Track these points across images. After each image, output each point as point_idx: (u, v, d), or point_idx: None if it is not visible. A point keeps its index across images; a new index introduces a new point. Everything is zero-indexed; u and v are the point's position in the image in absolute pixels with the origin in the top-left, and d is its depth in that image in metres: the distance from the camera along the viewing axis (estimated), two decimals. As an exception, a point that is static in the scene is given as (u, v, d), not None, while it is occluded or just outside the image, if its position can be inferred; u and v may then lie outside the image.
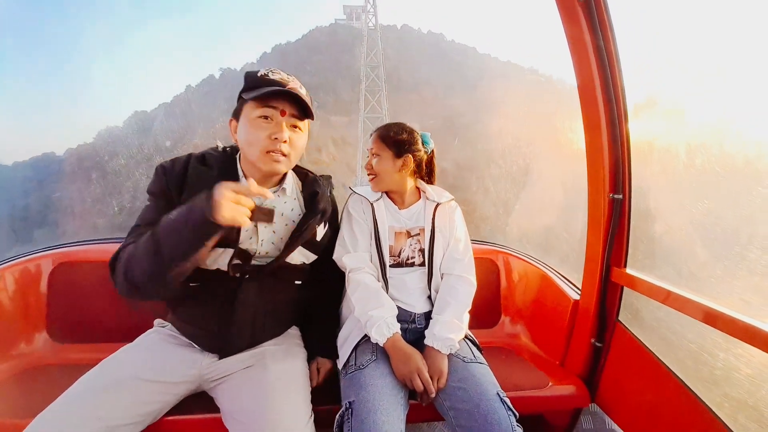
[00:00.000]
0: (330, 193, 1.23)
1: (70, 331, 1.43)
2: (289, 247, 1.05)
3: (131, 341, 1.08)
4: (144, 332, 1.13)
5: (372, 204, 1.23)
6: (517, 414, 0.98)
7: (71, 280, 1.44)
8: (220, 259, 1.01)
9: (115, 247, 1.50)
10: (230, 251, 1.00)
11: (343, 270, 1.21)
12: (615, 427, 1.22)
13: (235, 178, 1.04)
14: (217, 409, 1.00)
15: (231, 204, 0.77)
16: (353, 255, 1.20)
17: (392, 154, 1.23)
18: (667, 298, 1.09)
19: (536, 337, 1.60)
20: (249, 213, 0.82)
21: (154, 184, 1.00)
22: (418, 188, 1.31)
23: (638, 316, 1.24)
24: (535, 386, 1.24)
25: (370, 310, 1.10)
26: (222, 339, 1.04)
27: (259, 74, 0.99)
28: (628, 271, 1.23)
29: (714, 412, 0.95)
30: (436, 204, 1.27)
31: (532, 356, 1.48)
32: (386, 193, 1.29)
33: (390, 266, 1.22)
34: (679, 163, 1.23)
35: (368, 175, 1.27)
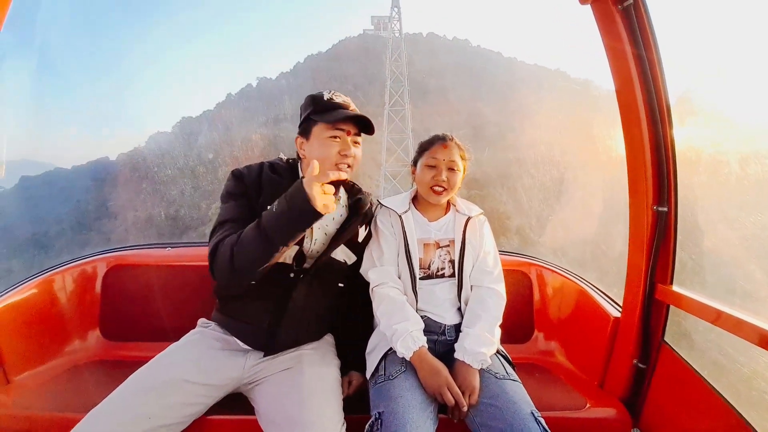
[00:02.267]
0: (370, 204, 1.31)
1: (121, 330, 1.54)
2: (334, 241, 1.18)
3: (177, 340, 1.15)
4: (189, 331, 1.20)
5: (401, 216, 1.24)
6: None
7: (123, 282, 1.56)
8: (285, 255, 1.13)
9: (164, 251, 1.63)
10: (296, 248, 1.14)
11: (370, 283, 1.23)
12: (660, 455, 1.14)
13: None
14: (251, 410, 1.04)
15: (322, 194, 0.92)
16: (379, 269, 1.21)
17: (464, 168, 1.25)
18: (717, 318, 1.02)
19: (572, 355, 1.52)
20: (334, 198, 0.96)
21: (234, 186, 1.14)
22: (448, 201, 1.31)
23: (686, 337, 1.16)
24: (572, 407, 1.19)
25: (394, 324, 1.10)
26: (270, 335, 1.13)
27: (325, 98, 1.14)
28: (675, 288, 1.16)
29: None
30: (467, 218, 1.26)
31: (567, 375, 1.41)
32: (415, 204, 1.30)
33: (420, 278, 1.22)
34: (731, 173, 1.15)
35: (438, 189, 1.21)
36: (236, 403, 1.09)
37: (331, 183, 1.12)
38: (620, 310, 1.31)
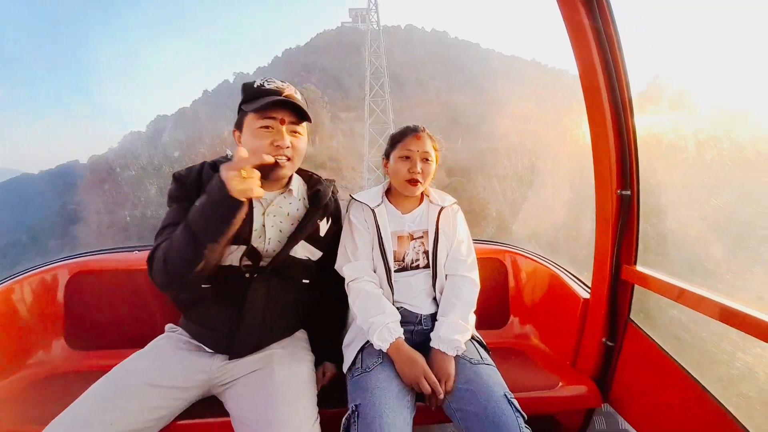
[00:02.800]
0: (333, 194, 1.27)
1: (86, 339, 1.48)
2: (292, 239, 1.10)
3: (144, 347, 1.11)
4: (156, 337, 1.15)
5: (373, 210, 1.23)
6: (526, 416, 0.97)
7: (87, 289, 1.49)
8: (232, 256, 1.06)
9: (130, 255, 1.57)
10: (242, 248, 1.06)
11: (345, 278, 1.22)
12: (628, 427, 1.20)
13: None
14: (226, 413, 1.02)
15: (239, 178, 0.85)
16: (353, 264, 1.20)
17: (437, 158, 1.25)
18: (680, 295, 1.06)
19: (546, 337, 1.57)
20: (258, 183, 0.89)
21: (174, 190, 1.08)
22: (421, 192, 1.31)
23: (650, 315, 1.22)
24: (546, 387, 1.23)
25: (371, 317, 1.10)
26: (232, 339, 1.08)
27: (255, 85, 1.06)
28: (639, 268, 1.20)
29: (730, 412, 0.92)
30: (440, 207, 1.26)
31: (542, 357, 1.46)
32: (388, 197, 1.29)
33: (395, 271, 1.23)
34: (689, 158, 1.20)
35: (413, 182, 1.19)
36: (209, 406, 1.06)
37: (275, 171, 1.05)
38: (589, 291, 1.36)
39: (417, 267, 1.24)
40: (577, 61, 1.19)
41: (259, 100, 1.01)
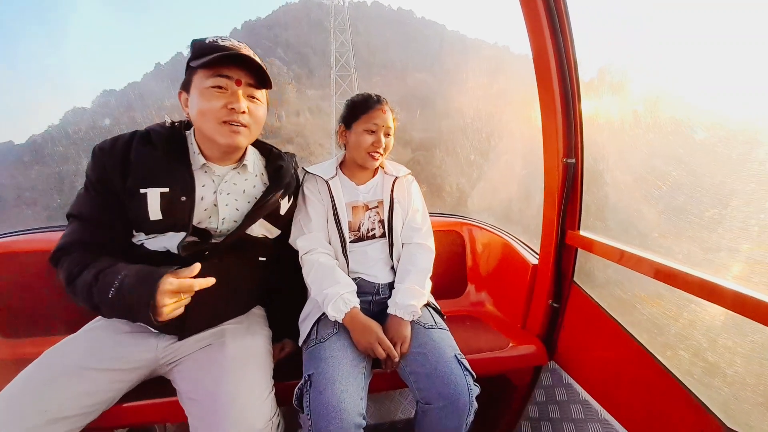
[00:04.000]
0: (294, 170, 1.21)
1: (16, 326, 1.35)
2: (249, 218, 1.01)
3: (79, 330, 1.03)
4: (92, 320, 1.07)
5: (327, 182, 1.20)
6: (474, 374, 1.01)
7: (9, 272, 1.34)
8: (169, 243, 0.96)
9: (56, 235, 1.42)
10: (181, 234, 0.95)
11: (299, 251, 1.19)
12: (572, 381, 1.29)
13: (185, 155, 0.98)
14: (174, 392, 0.98)
15: (171, 309, 0.82)
16: (307, 236, 1.17)
17: (395, 130, 1.23)
18: (620, 258, 1.13)
19: (499, 302, 1.65)
20: (188, 301, 0.86)
21: (92, 168, 0.93)
22: None
23: (591, 276, 1.30)
24: (497, 348, 1.29)
25: (325, 289, 1.09)
26: (179, 321, 0.97)
27: (207, 41, 0.91)
28: (582, 233, 1.27)
29: (663, 364, 1.01)
30: (394, 178, 1.26)
31: (495, 321, 1.53)
32: (342, 169, 1.27)
33: (351, 242, 1.21)
34: (626, 125, 1.27)
35: (375, 155, 1.17)
36: (155, 386, 1.01)
37: (225, 152, 0.98)
38: (537, 257, 1.43)
39: (373, 236, 1.24)
40: (530, 42, 1.21)
41: (211, 55, 0.87)
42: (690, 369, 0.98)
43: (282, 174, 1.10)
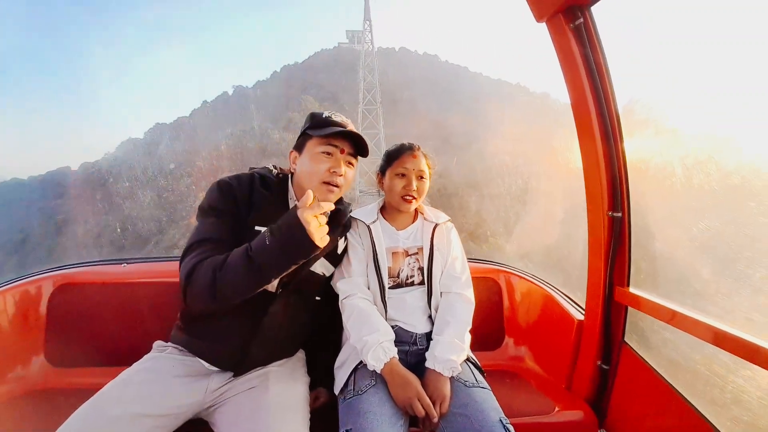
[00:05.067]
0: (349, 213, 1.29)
1: (68, 355, 1.42)
2: (315, 255, 1.10)
3: (131, 365, 1.06)
4: (143, 355, 1.11)
5: (369, 227, 1.23)
6: None
7: (72, 303, 1.44)
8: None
9: (118, 268, 1.53)
10: None
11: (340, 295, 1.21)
12: (625, 454, 1.17)
13: (286, 201, 1.15)
14: None
15: (319, 227, 0.89)
16: (347, 280, 1.20)
17: (430, 175, 1.27)
18: (672, 318, 1.07)
19: (541, 359, 1.56)
20: (327, 229, 0.92)
21: (218, 200, 1.06)
22: (416, 209, 1.32)
23: (644, 337, 1.22)
24: (541, 412, 1.21)
25: (365, 335, 1.08)
26: (242, 354, 1.06)
27: (324, 116, 1.12)
28: (632, 290, 1.21)
29: None
30: (434, 224, 1.27)
31: (537, 380, 1.44)
32: (383, 213, 1.30)
33: (389, 287, 1.22)
34: (677, 181, 1.24)
35: (408, 198, 1.21)
36: (195, 429, 1.02)
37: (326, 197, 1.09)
38: (583, 312, 1.36)
39: (412, 284, 1.24)
40: (568, 88, 1.24)
41: (327, 128, 1.06)
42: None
43: (340, 216, 1.21)
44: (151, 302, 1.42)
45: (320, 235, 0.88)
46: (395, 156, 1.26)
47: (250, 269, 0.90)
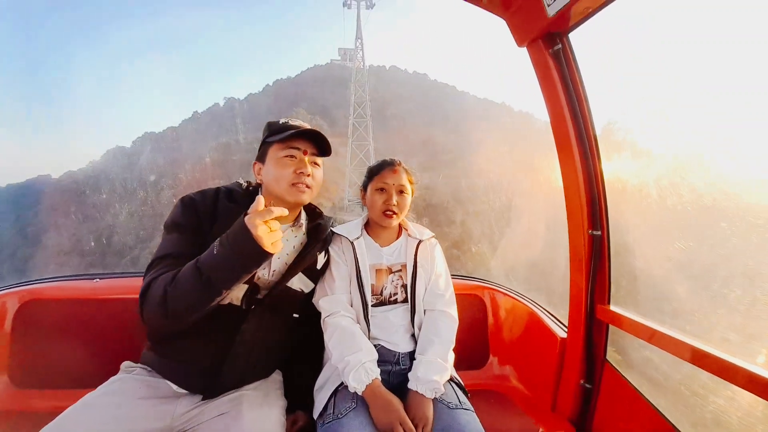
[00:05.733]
0: (330, 229, 1.27)
1: (32, 376, 1.34)
2: (291, 269, 1.10)
3: (97, 387, 1.00)
4: (111, 377, 1.04)
5: (352, 243, 1.22)
6: None
7: (38, 320, 1.36)
8: (233, 294, 1.03)
9: (89, 284, 1.46)
10: (245, 286, 1.04)
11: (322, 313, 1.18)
12: (609, 476, 1.16)
13: None
14: None
15: (269, 233, 0.84)
16: (330, 298, 1.17)
17: (412, 190, 1.27)
18: (652, 336, 1.08)
19: (525, 378, 1.55)
20: (281, 235, 0.88)
21: (182, 216, 1.04)
22: (399, 225, 1.32)
23: (625, 355, 1.23)
24: None
25: (347, 355, 1.05)
26: (212, 375, 1.02)
27: (281, 122, 1.12)
28: (612, 308, 1.23)
29: None
30: (418, 241, 1.27)
31: (521, 400, 1.42)
32: (366, 230, 1.29)
33: (372, 305, 1.20)
34: (652, 202, 1.28)
35: (389, 213, 1.20)
36: None
37: (289, 208, 1.08)
38: (566, 330, 1.36)
39: (395, 301, 1.22)
40: (548, 109, 1.28)
41: (285, 132, 1.06)
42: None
43: (320, 230, 1.19)
44: (124, 320, 1.35)
45: (270, 241, 0.84)
46: (376, 171, 1.27)
47: (199, 282, 0.87)
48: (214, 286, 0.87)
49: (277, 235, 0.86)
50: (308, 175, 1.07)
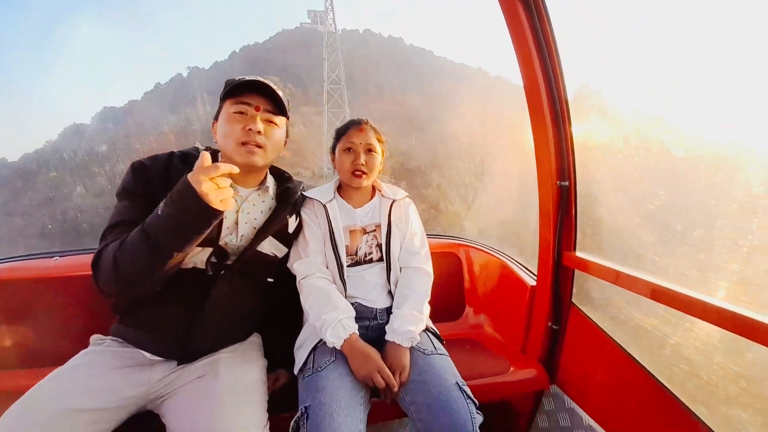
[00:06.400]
0: (301, 194, 1.25)
1: None
2: (261, 233, 1.08)
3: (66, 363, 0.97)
4: (79, 353, 1.02)
5: (325, 206, 1.20)
6: (477, 402, 0.98)
7: None
8: (196, 258, 1.01)
9: (49, 262, 1.39)
10: (209, 249, 1.01)
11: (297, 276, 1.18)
12: (575, 406, 1.26)
13: None
14: (163, 428, 0.93)
15: (215, 190, 0.80)
16: (304, 260, 1.17)
17: (382, 150, 1.24)
18: (616, 278, 1.13)
19: (498, 325, 1.63)
20: (232, 192, 0.84)
21: (132, 182, 0.99)
22: (373, 186, 1.30)
23: (589, 297, 1.30)
24: (497, 372, 1.27)
25: (324, 314, 1.07)
26: (184, 343, 1.01)
27: (237, 78, 1.04)
28: (578, 254, 1.28)
29: (664, 385, 0.99)
30: (392, 201, 1.26)
31: (495, 344, 1.51)
32: (339, 192, 1.27)
33: (348, 266, 1.20)
34: (618, 151, 1.31)
35: (357, 173, 1.18)
36: (145, 422, 0.96)
37: (244, 170, 1.04)
38: (535, 278, 1.43)
39: (370, 260, 1.23)
40: (521, 70, 1.26)
41: (235, 84, 1.00)
42: (689, 388, 0.98)
43: (289, 193, 1.17)
44: (87, 297, 1.30)
45: (218, 198, 0.80)
46: (343, 131, 1.23)
47: (146, 244, 0.83)
48: (163, 247, 0.83)
49: (226, 193, 0.82)
50: (259, 133, 1.00)
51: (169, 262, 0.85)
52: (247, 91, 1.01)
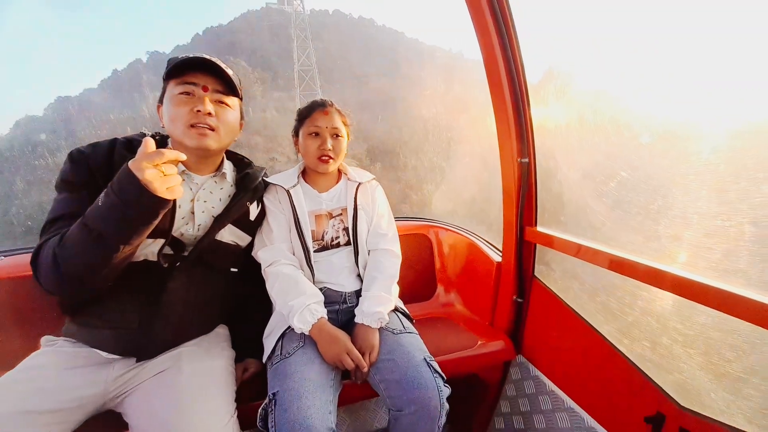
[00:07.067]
0: (263, 180, 1.20)
1: None
2: (218, 221, 1.03)
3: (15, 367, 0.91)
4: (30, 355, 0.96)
5: (288, 191, 1.17)
6: (445, 376, 1.01)
7: None
8: (147, 251, 0.96)
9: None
10: (161, 241, 0.96)
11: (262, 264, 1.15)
12: (539, 374, 1.33)
13: None
14: (125, 426, 0.90)
15: (160, 177, 0.75)
16: (269, 248, 1.14)
17: (348, 133, 1.20)
18: (578, 251, 1.18)
19: (468, 302, 1.68)
20: (180, 180, 0.79)
21: (70, 173, 0.92)
22: (339, 169, 1.28)
23: (550, 270, 1.36)
24: (466, 347, 1.31)
25: (290, 300, 1.05)
26: (143, 339, 0.96)
27: (180, 57, 0.97)
28: (539, 229, 1.33)
29: (621, 351, 1.06)
30: (357, 184, 1.25)
31: (465, 321, 1.55)
32: (304, 177, 1.24)
33: (315, 251, 1.19)
34: (573, 127, 1.34)
35: (324, 158, 1.14)
36: (106, 422, 0.92)
37: (195, 156, 0.99)
38: (501, 254, 1.47)
39: (338, 245, 1.22)
40: (482, 52, 1.25)
41: (179, 65, 0.93)
42: (645, 354, 1.05)
43: (249, 179, 1.12)
44: (37, 297, 1.22)
45: (164, 186, 0.75)
46: (306, 114, 1.19)
47: (89, 238, 0.77)
48: (107, 240, 0.77)
49: (172, 180, 0.77)
50: (209, 114, 0.94)
51: (116, 255, 0.79)
52: (192, 70, 0.94)
